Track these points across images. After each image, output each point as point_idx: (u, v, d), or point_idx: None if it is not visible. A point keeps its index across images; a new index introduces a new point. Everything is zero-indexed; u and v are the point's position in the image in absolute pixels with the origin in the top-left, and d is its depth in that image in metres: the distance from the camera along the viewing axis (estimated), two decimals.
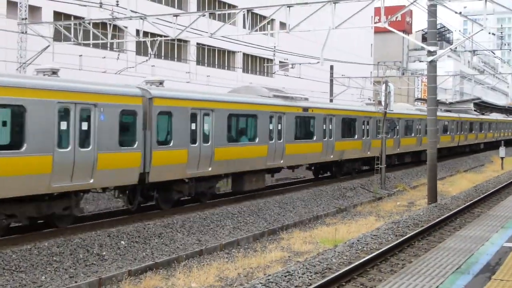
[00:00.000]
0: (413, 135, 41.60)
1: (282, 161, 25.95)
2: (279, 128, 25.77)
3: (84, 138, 16.66)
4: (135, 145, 18.34)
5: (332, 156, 30.30)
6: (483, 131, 62.89)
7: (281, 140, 25.78)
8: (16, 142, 14.93)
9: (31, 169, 15.16)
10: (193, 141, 20.69)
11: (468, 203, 23.97)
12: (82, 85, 17.03)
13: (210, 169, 21.42)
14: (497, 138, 69.32)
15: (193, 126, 20.69)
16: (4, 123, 14.87)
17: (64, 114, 16.13)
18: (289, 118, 26.35)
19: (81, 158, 16.46)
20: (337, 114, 30.68)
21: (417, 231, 17.78)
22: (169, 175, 19.81)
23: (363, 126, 33.69)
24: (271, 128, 25.16)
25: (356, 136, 32.91)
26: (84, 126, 16.67)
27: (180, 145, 20.06)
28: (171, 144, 19.75)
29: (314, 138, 28.60)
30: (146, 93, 19.13)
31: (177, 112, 19.93)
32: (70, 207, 17.02)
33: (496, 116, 71.61)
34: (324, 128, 29.38)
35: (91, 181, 16.83)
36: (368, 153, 34.37)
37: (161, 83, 20.94)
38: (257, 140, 24.25)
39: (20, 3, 27.38)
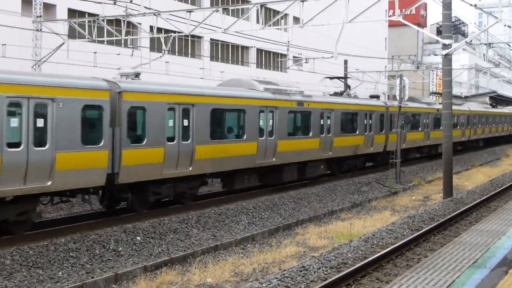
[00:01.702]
0: (420, 129, 39.72)
1: (274, 159, 24.21)
2: (271, 123, 24.04)
3: (40, 136, 15.19)
4: (101, 144, 16.75)
5: (331, 153, 28.59)
6: (494, 125, 60.18)
7: (273, 137, 24.02)
8: None
9: None
10: (171, 138, 19.12)
11: (484, 197, 23.84)
12: (36, 77, 15.74)
13: (190, 168, 19.85)
14: (511, 132, 67.76)
15: (171, 122, 19.08)
16: None
17: (15, 110, 14.72)
18: (281, 113, 24.53)
19: (36, 158, 14.97)
20: (336, 108, 28.94)
21: (433, 225, 17.71)
22: (142, 176, 18.17)
23: (365, 120, 31.93)
24: (261, 124, 23.43)
25: (357, 132, 31.26)
26: (40, 123, 15.17)
27: (156, 143, 18.43)
28: (144, 142, 18.12)
29: (311, 134, 26.77)
30: (114, 87, 17.45)
31: (152, 107, 18.26)
32: (27, 212, 15.76)
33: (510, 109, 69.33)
34: (322, 123, 27.55)
35: (49, 183, 15.38)
36: (371, 149, 32.75)
37: (137, 75, 19.52)
38: (245, 136, 22.57)
39: (35, 1, 27.56)
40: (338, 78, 35.32)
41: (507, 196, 25.28)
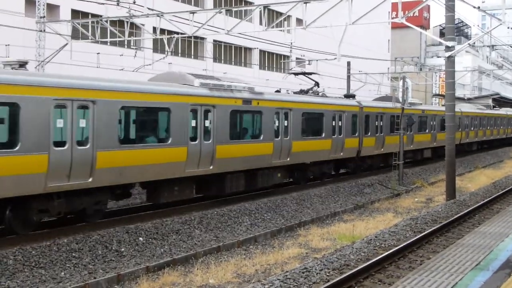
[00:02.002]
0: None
1: (211, 167, 20.58)
2: (207, 125, 20.54)
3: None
4: None
5: (289, 159, 24.96)
6: (489, 127, 55.45)
7: (210, 141, 20.52)
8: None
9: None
10: (59, 143, 15.57)
11: (487, 199, 23.80)
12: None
13: (90, 179, 16.31)
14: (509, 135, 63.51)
15: (60, 123, 15.62)
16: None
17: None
18: (221, 112, 21.00)
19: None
20: (295, 108, 25.19)
21: (435, 227, 17.68)
22: (17, 190, 14.77)
23: (333, 122, 28.27)
24: (193, 125, 19.92)
25: (323, 135, 27.54)
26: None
27: (34, 148, 14.90)
28: (17, 148, 14.60)
29: (261, 137, 23.21)
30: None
31: (29, 104, 14.82)
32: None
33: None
34: (277, 125, 24.08)
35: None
36: (341, 154, 29.10)
37: (22, 65, 16.12)
38: (170, 140, 18.96)
39: (38, 1, 27.61)
40: (304, 74, 32.05)
41: (510, 199, 25.25)
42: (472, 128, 50.73)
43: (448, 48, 24.10)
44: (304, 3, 22.33)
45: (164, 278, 13.89)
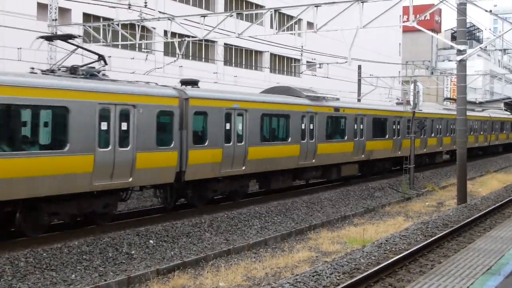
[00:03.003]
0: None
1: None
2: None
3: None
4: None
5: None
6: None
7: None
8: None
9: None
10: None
11: (499, 204, 23.68)
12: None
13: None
14: None
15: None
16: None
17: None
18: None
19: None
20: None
21: (446, 231, 17.61)
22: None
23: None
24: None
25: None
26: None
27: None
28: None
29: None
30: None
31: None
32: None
33: None
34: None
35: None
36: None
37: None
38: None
39: (50, 5, 27.76)
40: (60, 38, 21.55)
41: None
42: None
43: (459, 52, 24.02)
44: (315, 6, 22.33)
45: (174, 281, 13.91)
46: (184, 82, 21.42)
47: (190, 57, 41.88)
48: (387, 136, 33.05)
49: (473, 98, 67.41)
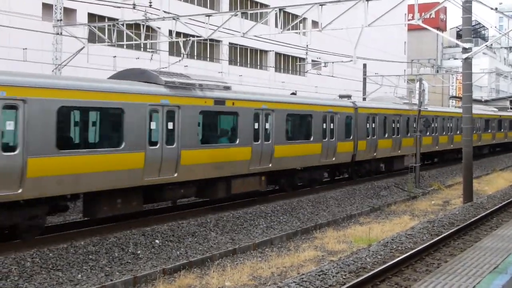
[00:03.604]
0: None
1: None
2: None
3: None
4: None
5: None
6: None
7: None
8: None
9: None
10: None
11: (505, 202, 23.60)
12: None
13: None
14: None
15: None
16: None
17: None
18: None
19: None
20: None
21: (452, 230, 17.56)
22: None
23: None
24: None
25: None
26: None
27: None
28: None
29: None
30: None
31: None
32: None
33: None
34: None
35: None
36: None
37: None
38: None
39: (55, 5, 27.81)
40: None
41: None
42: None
43: (465, 50, 23.95)
44: (320, 5, 22.30)
45: (180, 281, 13.92)
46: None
47: (195, 57, 41.91)
48: (311, 139, 25.34)
49: (479, 96, 67.28)
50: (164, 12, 26.12)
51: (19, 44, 27.99)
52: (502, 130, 53.78)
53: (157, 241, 16.64)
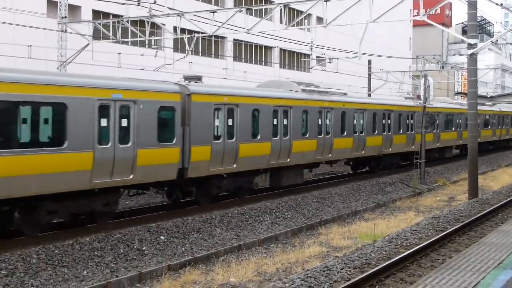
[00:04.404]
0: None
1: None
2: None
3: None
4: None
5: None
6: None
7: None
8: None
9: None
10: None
11: (510, 198, 23.55)
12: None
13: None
14: None
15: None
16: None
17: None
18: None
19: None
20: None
21: (457, 226, 17.55)
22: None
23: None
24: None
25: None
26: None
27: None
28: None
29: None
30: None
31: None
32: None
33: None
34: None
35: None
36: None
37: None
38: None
39: (60, 2, 27.83)
40: None
41: None
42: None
43: (470, 46, 23.88)
44: (325, 1, 22.25)
45: (185, 277, 13.95)
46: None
47: (200, 53, 41.91)
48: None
49: (484, 92, 67.05)
50: (169, 8, 26.10)
51: (24, 41, 28.05)
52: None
53: (162, 237, 16.68)
